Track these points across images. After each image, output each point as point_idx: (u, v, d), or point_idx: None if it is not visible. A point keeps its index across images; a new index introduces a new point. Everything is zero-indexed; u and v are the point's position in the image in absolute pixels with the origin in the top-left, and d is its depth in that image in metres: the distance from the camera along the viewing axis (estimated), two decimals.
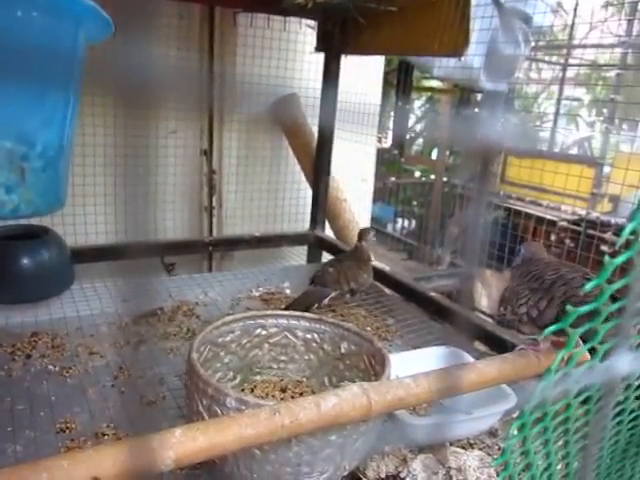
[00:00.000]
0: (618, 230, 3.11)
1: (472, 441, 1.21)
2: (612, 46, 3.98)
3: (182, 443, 0.68)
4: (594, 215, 3.51)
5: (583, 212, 3.59)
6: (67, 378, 1.33)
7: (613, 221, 3.37)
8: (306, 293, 1.81)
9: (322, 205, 2.51)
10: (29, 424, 1.15)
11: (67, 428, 1.14)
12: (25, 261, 1.69)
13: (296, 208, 2.81)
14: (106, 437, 1.13)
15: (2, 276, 1.68)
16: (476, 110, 4.40)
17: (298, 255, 2.75)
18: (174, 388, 1.32)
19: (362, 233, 1.87)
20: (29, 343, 1.48)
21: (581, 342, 0.94)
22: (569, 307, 0.58)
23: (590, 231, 3.23)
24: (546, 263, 1.15)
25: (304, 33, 2.57)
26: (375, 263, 2.24)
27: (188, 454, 0.69)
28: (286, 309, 1.73)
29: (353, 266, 1.82)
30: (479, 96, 4.25)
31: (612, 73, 4.11)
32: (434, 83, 5.29)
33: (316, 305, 1.77)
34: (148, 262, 0.37)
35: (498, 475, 1.04)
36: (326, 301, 1.79)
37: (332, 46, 2.26)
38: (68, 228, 2.16)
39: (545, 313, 1.05)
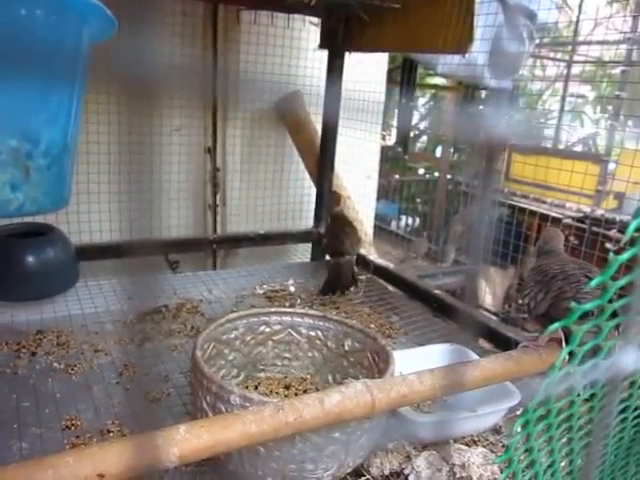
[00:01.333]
0: (623, 227, 3.10)
1: (476, 438, 1.21)
2: (617, 43, 3.96)
3: (186, 440, 0.69)
4: (599, 212, 3.49)
5: (588, 209, 3.58)
6: (72, 375, 1.34)
7: (618, 218, 3.36)
8: (340, 266, 1.91)
9: (326, 202, 2.51)
10: (34, 421, 1.15)
11: (72, 425, 1.15)
12: (30, 259, 1.70)
13: (300, 205, 2.81)
14: (111, 434, 1.13)
15: (7, 274, 1.68)
16: (480, 107, 4.39)
17: (302, 252, 2.75)
18: (178, 385, 1.33)
19: (337, 198, 2.04)
20: (34, 341, 1.49)
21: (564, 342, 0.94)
22: (573, 304, 0.58)
23: (595, 228, 3.21)
24: (556, 258, 1.16)
25: (307, 30, 2.57)
26: (379, 260, 2.25)
27: (193, 451, 0.69)
28: (331, 289, 1.88)
29: (353, 232, 1.96)
30: (483, 93, 4.24)
31: (617, 70, 4.08)
32: (438, 80, 5.27)
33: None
34: (152, 260, 0.37)
35: (502, 472, 1.04)
36: (356, 268, 1.93)
37: (336, 43, 2.26)
38: (73, 226, 2.16)
39: (539, 305, 1.07)
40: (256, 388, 1.24)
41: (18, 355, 1.41)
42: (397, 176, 5.32)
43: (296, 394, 1.22)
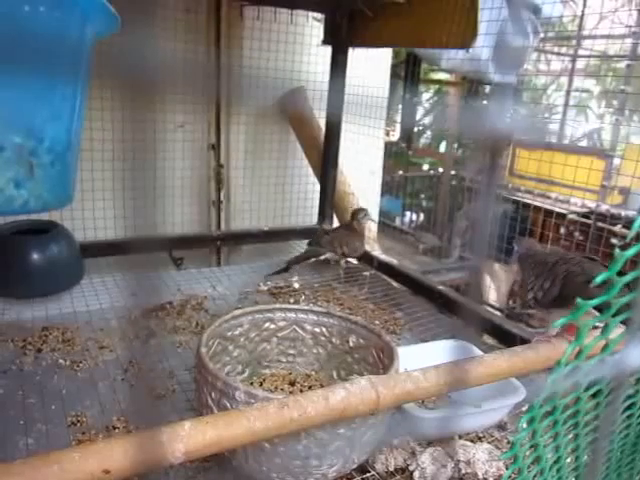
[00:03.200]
0: (628, 222, 3.09)
1: (481, 434, 1.21)
2: (622, 37, 3.94)
3: (192, 436, 0.69)
4: (604, 207, 3.48)
5: (593, 205, 3.56)
6: (78, 372, 1.35)
7: (623, 213, 3.34)
8: (306, 251, 2.06)
9: (330, 198, 2.51)
10: (40, 417, 1.16)
11: (78, 421, 1.16)
12: (35, 256, 1.70)
13: (304, 202, 2.81)
14: (117, 430, 1.14)
15: (12, 271, 1.69)
16: (484, 102, 4.37)
17: None
18: (183, 382, 1.33)
19: (354, 212, 2.08)
20: (40, 337, 1.49)
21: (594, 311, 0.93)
22: (579, 300, 0.58)
23: (600, 224, 3.21)
24: (549, 251, 1.17)
25: (311, 26, 2.56)
26: (383, 256, 2.25)
27: (198, 447, 0.69)
28: (289, 265, 2.01)
29: (345, 234, 2.04)
30: (487, 88, 4.22)
31: (622, 64, 4.06)
32: (442, 75, 5.26)
33: (313, 259, 2.05)
34: (157, 256, 0.37)
35: (507, 468, 1.04)
36: (322, 257, 2.03)
37: (339, 39, 2.25)
38: (77, 223, 2.17)
39: (549, 291, 1.07)
40: (261, 384, 1.24)
41: (24, 352, 1.42)
42: (401, 172, 5.31)
43: (301, 390, 1.22)
